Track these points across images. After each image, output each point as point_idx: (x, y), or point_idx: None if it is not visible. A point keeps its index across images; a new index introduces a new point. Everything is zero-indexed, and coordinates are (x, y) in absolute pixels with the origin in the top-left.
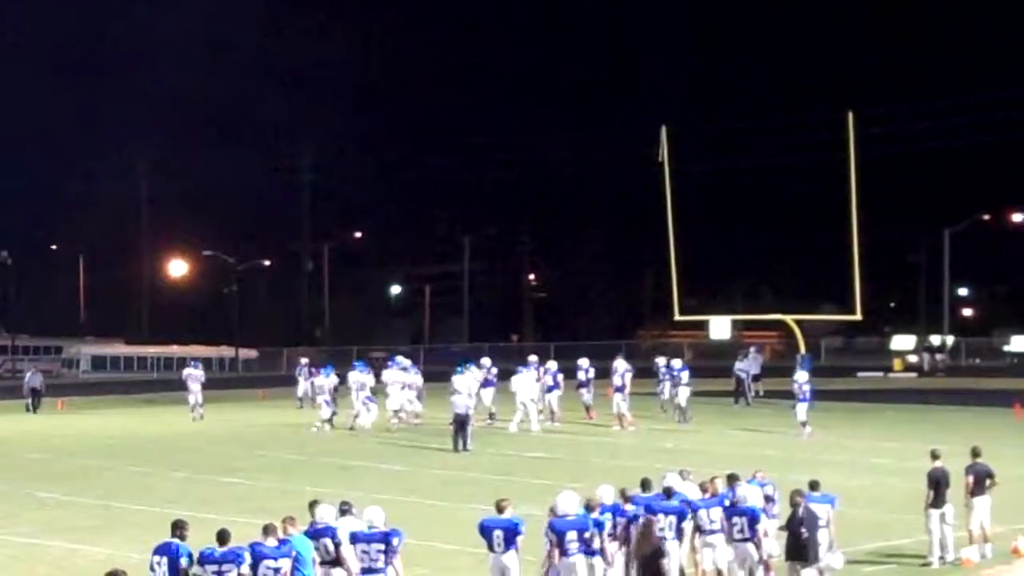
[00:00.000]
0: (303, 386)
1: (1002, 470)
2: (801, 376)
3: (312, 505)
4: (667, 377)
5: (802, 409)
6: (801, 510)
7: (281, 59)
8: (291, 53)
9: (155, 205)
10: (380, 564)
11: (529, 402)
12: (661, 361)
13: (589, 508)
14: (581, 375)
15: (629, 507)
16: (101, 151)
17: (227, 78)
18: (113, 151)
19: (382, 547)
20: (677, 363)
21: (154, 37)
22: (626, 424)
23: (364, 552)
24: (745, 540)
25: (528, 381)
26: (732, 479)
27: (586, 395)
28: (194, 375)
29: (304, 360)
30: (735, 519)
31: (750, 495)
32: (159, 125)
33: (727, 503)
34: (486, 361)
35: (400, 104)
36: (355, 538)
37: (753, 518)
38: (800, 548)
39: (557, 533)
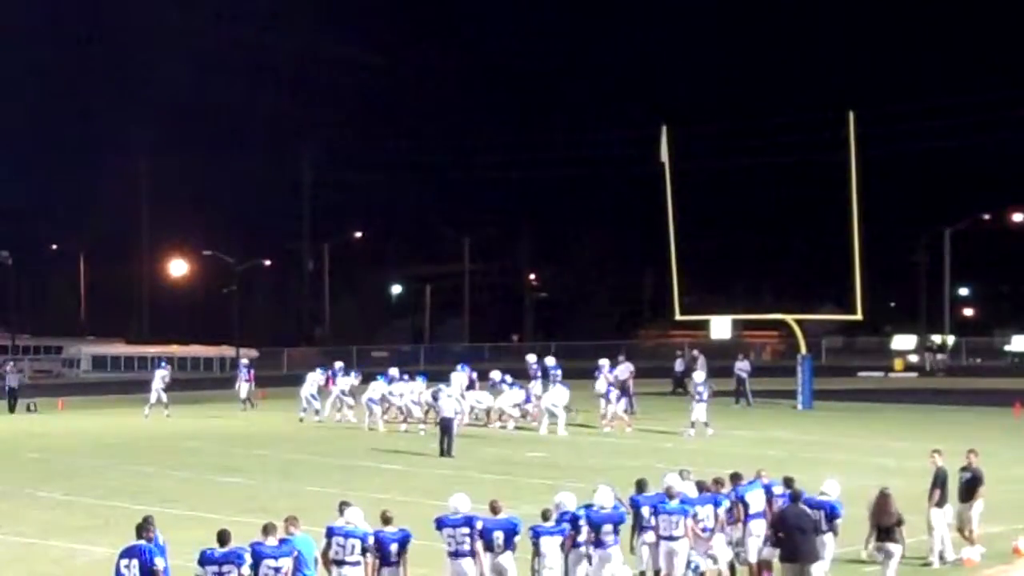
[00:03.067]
0: (245, 388)
1: (1002, 470)
2: (699, 376)
3: (342, 506)
4: (538, 376)
5: (700, 409)
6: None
7: (281, 59)
8: (291, 53)
9: (155, 205)
10: (466, 547)
11: (554, 407)
12: (531, 359)
13: (670, 498)
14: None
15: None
16: (101, 151)
17: (227, 78)
18: (113, 151)
19: (467, 531)
20: (551, 361)
21: (154, 36)
22: (623, 427)
23: (451, 536)
24: (820, 533)
25: (560, 392)
26: (735, 478)
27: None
28: (159, 374)
29: (245, 360)
30: (812, 512)
31: (831, 491)
32: (159, 125)
33: (729, 504)
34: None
35: (400, 104)
36: (441, 523)
37: (832, 512)
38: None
39: (593, 526)
